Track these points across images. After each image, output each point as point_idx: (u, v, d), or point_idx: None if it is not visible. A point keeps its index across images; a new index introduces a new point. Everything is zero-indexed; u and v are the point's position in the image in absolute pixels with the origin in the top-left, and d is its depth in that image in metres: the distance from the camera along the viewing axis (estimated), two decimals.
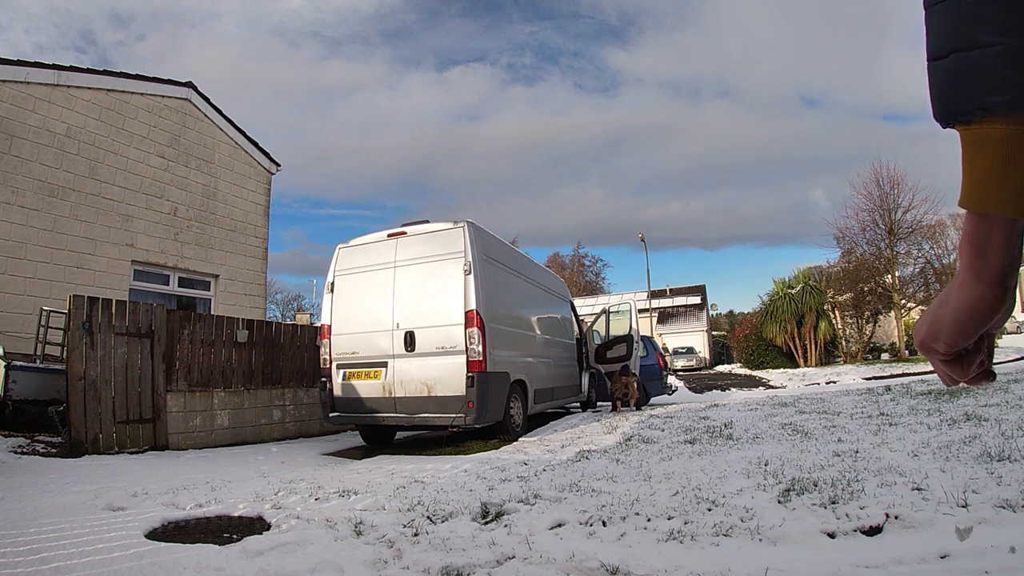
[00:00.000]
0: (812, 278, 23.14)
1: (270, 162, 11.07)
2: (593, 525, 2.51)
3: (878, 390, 8.03)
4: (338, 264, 6.29)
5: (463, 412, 5.37)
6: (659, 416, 6.85)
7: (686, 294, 42.35)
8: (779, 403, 7.37)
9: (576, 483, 3.33)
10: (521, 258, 7.65)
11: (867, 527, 2.16)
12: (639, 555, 2.08)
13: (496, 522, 2.68)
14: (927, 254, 22.29)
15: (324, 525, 2.75)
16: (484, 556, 2.21)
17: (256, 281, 10.50)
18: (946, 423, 4.17)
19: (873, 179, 20.89)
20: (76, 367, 5.15)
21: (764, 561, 1.94)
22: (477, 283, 5.54)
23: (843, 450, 3.55)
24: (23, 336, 6.90)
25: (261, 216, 10.77)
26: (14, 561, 2.28)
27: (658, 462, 3.84)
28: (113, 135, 8.39)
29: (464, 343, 5.44)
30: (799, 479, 2.88)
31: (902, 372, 14.82)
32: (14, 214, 7.18)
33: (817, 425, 4.86)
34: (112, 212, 8.27)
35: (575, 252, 54.63)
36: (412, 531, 2.57)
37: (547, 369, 7.51)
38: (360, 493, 3.52)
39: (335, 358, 6.08)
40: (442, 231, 5.89)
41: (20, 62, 7.43)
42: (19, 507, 3.23)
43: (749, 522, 2.35)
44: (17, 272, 7.15)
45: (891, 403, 5.98)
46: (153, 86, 9.08)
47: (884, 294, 20.76)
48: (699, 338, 37.28)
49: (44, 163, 7.53)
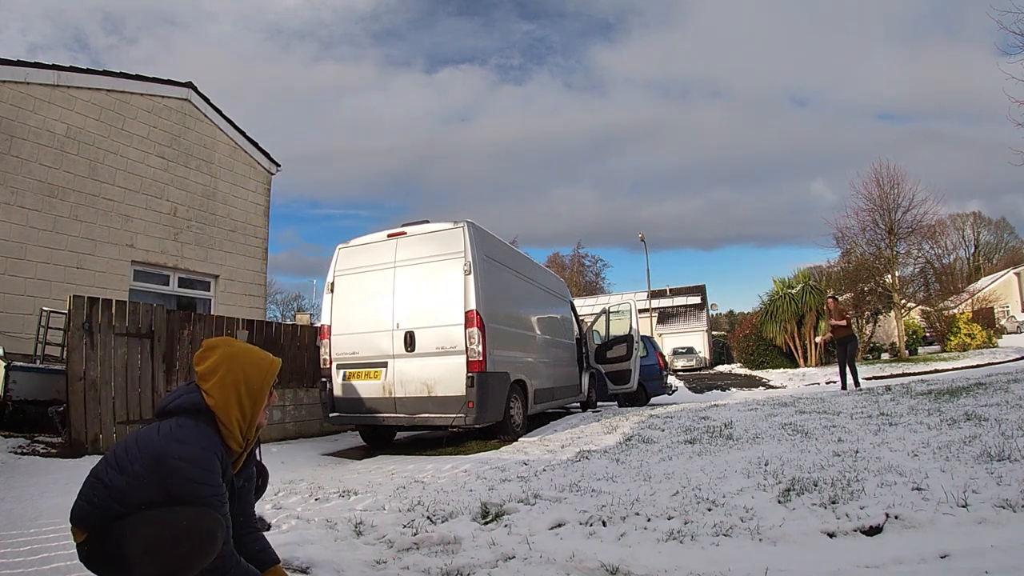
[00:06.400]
0: (812, 278, 23.13)
1: (270, 162, 11.06)
2: (593, 525, 2.51)
3: (878, 390, 8.03)
4: (338, 264, 6.29)
5: (463, 412, 5.37)
6: (659, 416, 6.85)
7: (686, 294, 42.36)
8: (779, 403, 7.37)
9: (576, 483, 3.33)
10: (521, 258, 7.65)
11: (867, 527, 2.16)
12: (639, 555, 2.09)
13: (496, 522, 2.68)
14: (927, 254, 22.30)
15: (324, 525, 2.75)
16: (484, 556, 2.21)
17: (256, 281, 10.49)
18: (946, 423, 4.17)
19: (873, 179, 20.91)
20: (76, 367, 5.14)
21: (764, 561, 1.94)
22: (477, 283, 5.54)
23: (843, 450, 3.55)
24: (23, 336, 6.90)
25: (261, 216, 10.76)
26: (14, 562, 2.28)
27: (658, 462, 3.84)
28: (113, 135, 8.38)
29: (464, 343, 5.44)
30: (799, 479, 2.87)
31: (902, 372, 14.82)
32: (14, 214, 7.18)
33: (817, 425, 4.86)
34: (112, 212, 8.26)
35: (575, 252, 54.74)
36: (412, 531, 2.57)
37: (547, 369, 7.51)
38: (360, 493, 3.52)
39: (335, 358, 6.08)
40: (442, 231, 5.89)
41: (20, 62, 7.43)
42: (19, 507, 3.24)
43: (749, 522, 2.35)
44: (17, 272, 7.15)
45: (891, 403, 5.97)
46: (153, 86, 9.07)
47: (884, 294, 20.74)
48: (699, 338, 37.29)
49: (44, 163, 7.52)
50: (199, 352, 1.70)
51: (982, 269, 41.95)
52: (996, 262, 43.49)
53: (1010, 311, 32.91)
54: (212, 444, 1.59)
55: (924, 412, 4.91)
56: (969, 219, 44.93)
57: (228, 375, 1.65)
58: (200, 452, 1.54)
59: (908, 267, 21.81)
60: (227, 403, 1.63)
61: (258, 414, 1.72)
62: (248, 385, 1.67)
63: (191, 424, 1.59)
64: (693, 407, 7.96)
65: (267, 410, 1.76)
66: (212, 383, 1.64)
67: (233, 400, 1.64)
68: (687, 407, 8.10)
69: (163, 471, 1.51)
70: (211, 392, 1.64)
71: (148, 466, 1.53)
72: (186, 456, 1.52)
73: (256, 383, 1.68)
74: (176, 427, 1.58)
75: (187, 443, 1.54)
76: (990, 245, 46.40)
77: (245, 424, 1.68)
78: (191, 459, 1.52)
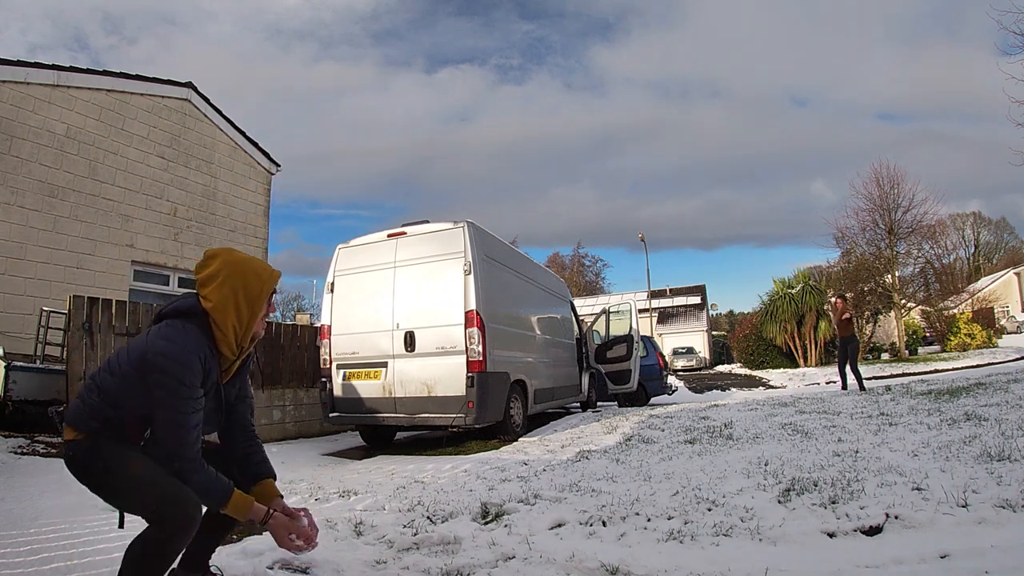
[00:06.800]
0: (812, 278, 23.13)
1: (270, 162, 11.06)
2: (593, 525, 2.51)
3: (878, 390, 8.03)
4: (338, 264, 6.29)
5: (463, 412, 5.37)
6: (659, 416, 6.85)
7: (686, 294, 42.35)
8: (779, 403, 7.37)
9: (576, 483, 3.33)
10: (521, 258, 7.65)
11: (867, 527, 2.16)
12: (639, 555, 2.08)
13: (496, 522, 2.68)
14: (927, 254, 22.30)
15: (324, 525, 2.75)
16: (484, 556, 2.21)
17: None
18: (946, 423, 4.17)
19: (873, 179, 20.90)
20: (76, 367, 5.14)
21: (764, 561, 1.94)
22: (477, 283, 5.54)
23: (843, 450, 3.55)
24: (23, 336, 6.90)
25: (261, 216, 10.76)
26: (14, 562, 2.28)
27: (658, 462, 3.84)
28: (113, 135, 8.38)
29: (464, 343, 5.44)
30: (799, 479, 2.88)
31: (902, 372, 14.83)
32: (14, 214, 7.18)
33: (817, 425, 4.86)
34: (112, 212, 8.27)
35: (575, 252, 54.73)
36: (412, 531, 2.57)
37: (547, 369, 7.51)
38: (360, 493, 3.52)
39: (335, 358, 6.08)
40: (442, 231, 5.89)
41: (20, 62, 7.43)
42: (19, 507, 3.24)
43: (749, 522, 2.35)
44: (17, 272, 7.15)
45: (891, 403, 5.97)
46: (153, 86, 9.07)
47: (884, 294, 20.74)
48: (699, 338, 37.29)
49: (44, 163, 7.52)
50: (199, 262, 1.71)
51: (982, 269, 41.94)
52: (996, 262, 43.49)
53: (1010, 311, 32.90)
54: (197, 345, 1.59)
55: (924, 412, 4.91)
56: (969, 219, 44.96)
57: (227, 280, 1.65)
58: (182, 350, 1.55)
59: (908, 267, 21.84)
60: (224, 306, 1.63)
61: (255, 322, 1.71)
62: (247, 292, 1.67)
63: (179, 324, 1.61)
64: (693, 407, 7.97)
65: (263, 320, 1.75)
66: (211, 288, 1.65)
67: (231, 304, 1.64)
68: (687, 407, 8.10)
69: (146, 367, 1.53)
70: (209, 296, 1.64)
71: (135, 364, 1.55)
72: (167, 352, 1.53)
73: (255, 290, 1.68)
74: (165, 327, 1.61)
75: (171, 340, 1.56)
76: (990, 245, 46.42)
77: (241, 330, 1.68)
78: (172, 355, 1.53)
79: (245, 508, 1.64)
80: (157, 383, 1.52)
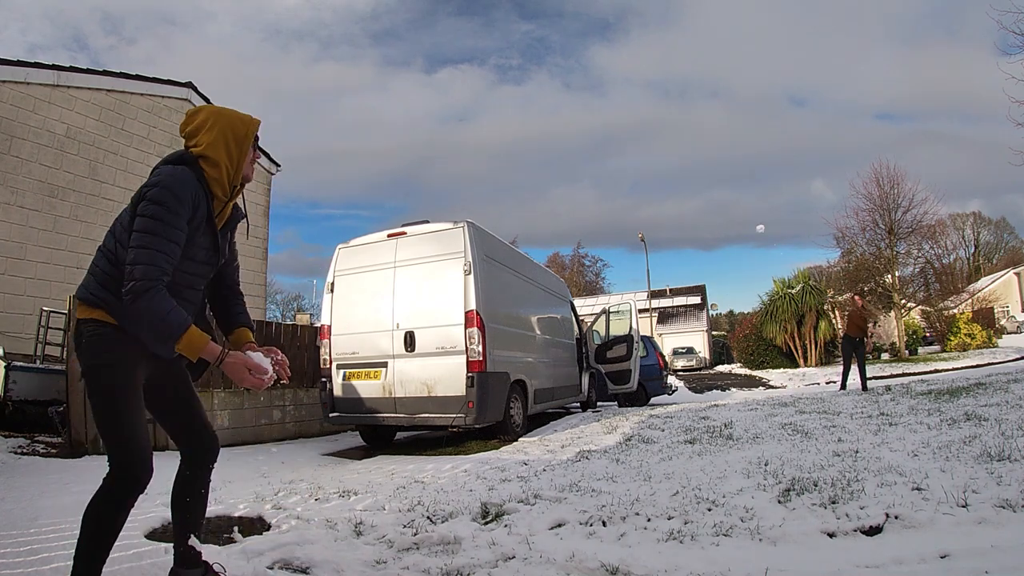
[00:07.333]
0: (812, 278, 23.14)
1: (270, 162, 11.07)
2: (593, 525, 2.51)
3: (878, 390, 8.04)
4: (338, 264, 6.29)
5: (463, 412, 5.37)
6: (659, 416, 6.85)
7: (686, 294, 42.34)
8: (779, 403, 7.38)
9: (576, 483, 3.33)
10: (521, 258, 7.65)
11: (867, 527, 2.16)
12: (639, 555, 2.08)
13: (496, 522, 2.68)
14: (927, 254, 22.28)
15: (324, 525, 2.75)
16: (484, 556, 2.21)
17: (256, 281, 10.49)
18: (946, 423, 4.17)
19: (873, 179, 20.90)
20: (76, 367, 5.14)
21: (764, 561, 1.94)
22: (477, 283, 5.54)
23: (843, 450, 3.55)
24: (23, 336, 6.90)
25: (261, 216, 10.76)
26: (14, 562, 2.28)
27: (658, 462, 3.84)
28: (113, 135, 8.39)
29: (464, 343, 5.44)
30: (799, 479, 2.88)
31: (902, 372, 14.83)
32: (14, 214, 7.18)
33: (817, 425, 4.86)
34: (112, 212, 8.22)
35: (575, 252, 54.70)
36: (412, 531, 2.57)
37: (547, 369, 7.51)
38: (360, 493, 3.52)
39: (335, 358, 6.08)
40: (442, 231, 5.89)
41: (20, 62, 7.43)
42: (19, 507, 3.24)
43: (749, 522, 2.35)
44: (17, 272, 7.15)
45: (891, 403, 5.98)
46: (153, 86, 9.08)
47: (884, 294, 20.75)
48: (699, 338, 37.29)
49: (44, 163, 7.53)
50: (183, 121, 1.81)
51: (982, 269, 41.93)
52: (996, 262, 43.47)
53: (1010, 311, 32.89)
54: (187, 183, 1.65)
55: (924, 412, 4.92)
56: (969, 219, 44.93)
57: (215, 125, 1.74)
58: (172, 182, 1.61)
59: (908, 267, 21.83)
60: (215, 146, 1.72)
61: (243, 162, 1.80)
62: (235, 133, 1.77)
63: (169, 168, 1.68)
64: (693, 407, 7.97)
65: (251, 164, 1.85)
66: (201, 135, 1.74)
67: (221, 143, 1.73)
68: (687, 407, 8.10)
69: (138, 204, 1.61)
70: (200, 142, 1.73)
71: (130, 212, 1.64)
72: (158, 182, 1.61)
73: (241, 132, 1.79)
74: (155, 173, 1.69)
75: (161, 175, 1.64)
76: (990, 245, 46.40)
77: (232, 168, 1.77)
78: (163, 184, 1.60)
79: (200, 345, 1.61)
80: (143, 211, 1.58)
